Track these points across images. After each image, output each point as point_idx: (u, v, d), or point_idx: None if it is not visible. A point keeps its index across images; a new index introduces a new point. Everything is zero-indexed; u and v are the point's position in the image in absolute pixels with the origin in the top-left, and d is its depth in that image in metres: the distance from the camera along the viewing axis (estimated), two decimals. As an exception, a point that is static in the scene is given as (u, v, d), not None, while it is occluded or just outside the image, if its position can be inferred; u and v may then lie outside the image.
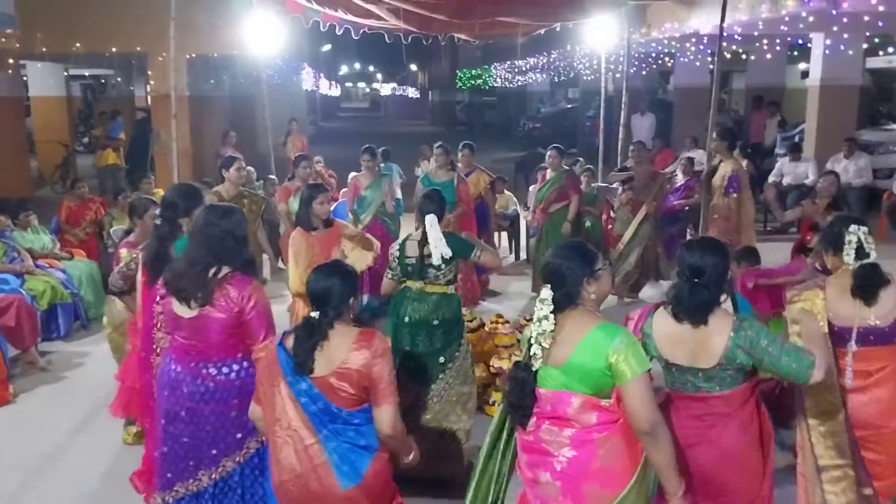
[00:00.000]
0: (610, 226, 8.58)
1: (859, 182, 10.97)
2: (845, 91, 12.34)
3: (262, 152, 11.03)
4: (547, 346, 2.64)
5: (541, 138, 24.33)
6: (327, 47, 38.80)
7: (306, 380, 2.86)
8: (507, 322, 6.39)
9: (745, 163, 9.03)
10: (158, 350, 3.72)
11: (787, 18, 9.65)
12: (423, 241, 4.31)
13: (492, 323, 6.29)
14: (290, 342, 2.92)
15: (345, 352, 2.85)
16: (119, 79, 18.24)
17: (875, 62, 18.09)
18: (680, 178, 9.30)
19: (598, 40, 10.85)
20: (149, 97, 14.75)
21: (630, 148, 8.50)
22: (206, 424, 3.26)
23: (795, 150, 11.83)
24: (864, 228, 3.34)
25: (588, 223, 8.70)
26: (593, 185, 9.25)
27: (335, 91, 42.66)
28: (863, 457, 3.32)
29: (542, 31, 10.61)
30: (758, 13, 9.67)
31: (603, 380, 2.59)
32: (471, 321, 6.01)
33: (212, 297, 3.18)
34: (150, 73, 13.48)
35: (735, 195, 6.80)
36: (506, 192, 10.23)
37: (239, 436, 3.27)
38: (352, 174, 8.28)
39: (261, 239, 6.86)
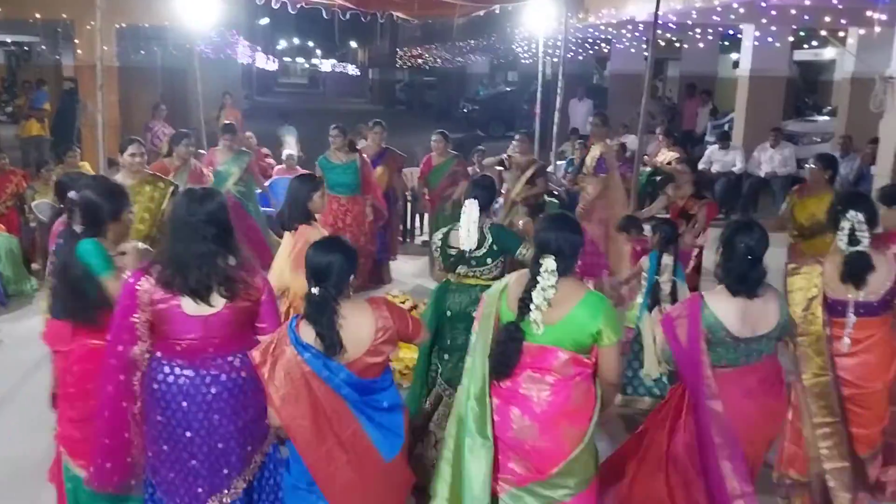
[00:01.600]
0: None
1: (784, 171, 11.35)
2: (773, 82, 12.71)
3: (194, 126, 10.76)
4: (545, 311, 2.90)
5: (479, 120, 24.42)
6: (265, 21, 37.98)
7: (342, 369, 2.86)
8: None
9: (670, 155, 9.27)
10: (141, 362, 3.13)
11: (719, 8, 9.86)
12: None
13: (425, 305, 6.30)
14: (307, 334, 2.88)
15: (369, 328, 2.91)
16: (45, 46, 17.53)
17: (802, 55, 18.66)
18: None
19: (537, 24, 10.91)
20: (76, 66, 14.24)
21: (516, 138, 8.50)
22: (218, 436, 2.98)
23: (724, 139, 12.16)
24: (861, 215, 3.60)
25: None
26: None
27: (272, 65, 41.88)
28: (849, 410, 3.72)
29: (482, 13, 10.61)
30: (692, 2, 9.86)
31: (588, 340, 2.95)
32: (402, 302, 6.04)
33: (236, 286, 2.96)
34: (76, 41, 13.00)
35: (604, 175, 7.38)
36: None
37: (249, 448, 3.06)
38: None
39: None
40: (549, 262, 2.90)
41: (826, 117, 15.23)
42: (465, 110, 25.66)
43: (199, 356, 2.98)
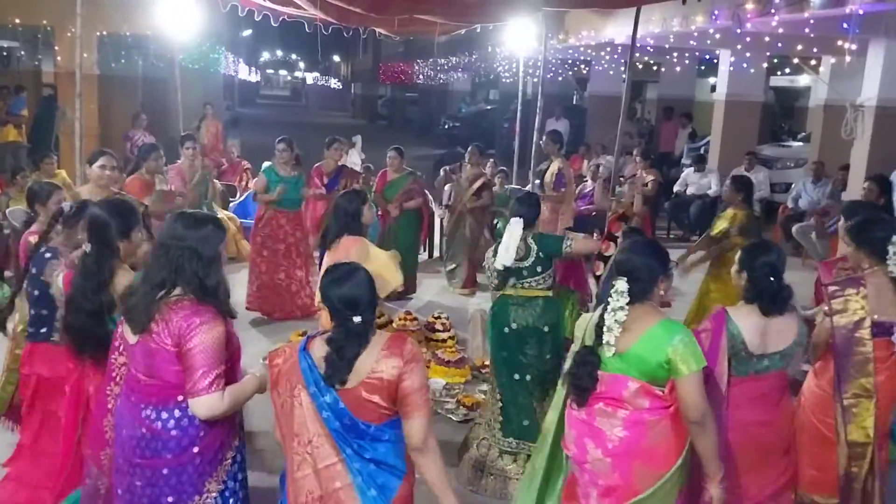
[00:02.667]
0: None
1: (758, 195, 11.48)
2: (748, 107, 12.92)
3: (174, 136, 10.74)
4: (618, 335, 2.88)
5: (460, 137, 24.48)
6: (248, 32, 38.00)
7: (332, 392, 2.56)
8: (416, 319, 6.46)
9: (647, 177, 9.40)
10: (118, 379, 3.07)
11: (696, 33, 10.04)
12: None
13: (400, 320, 6.35)
14: (317, 350, 2.60)
15: (373, 360, 2.56)
16: (24, 52, 17.42)
17: (778, 81, 18.97)
18: (589, 185, 9.54)
19: (517, 44, 11.03)
20: (56, 73, 14.17)
21: (469, 149, 8.69)
22: (142, 478, 2.80)
23: (700, 162, 12.32)
24: None
25: (499, 224, 8.86)
26: (506, 186, 9.43)
27: (255, 77, 41.87)
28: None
29: (463, 32, 10.72)
30: (669, 27, 10.03)
31: (659, 371, 2.88)
32: (379, 317, 6.06)
33: (150, 322, 2.71)
34: (56, 48, 12.95)
35: (563, 190, 7.93)
36: None
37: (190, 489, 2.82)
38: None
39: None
40: (620, 284, 2.91)
41: (800, 143, 15.45)
42: (446, 127, 25.75)
43: (129, 390, 2.85)
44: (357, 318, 2.56)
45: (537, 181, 10.63)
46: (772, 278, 3.27)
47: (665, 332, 2.87)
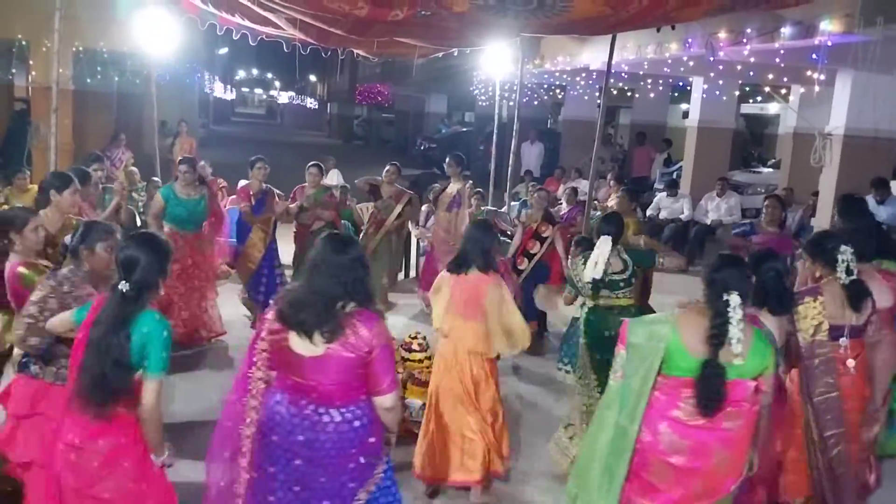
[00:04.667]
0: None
1: (729, 220, 11.68)
2: (720, 133, 13.16)
3: (148, 152, 10.70)
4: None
5: (435, 159, 24.64)
6: (224, 50, 37.95)
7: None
8: (393, 339, 6.39)
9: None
10: (254, 391, 3.09)
11: (669, 61, 10.22)
12: (609, 258, 4.75)
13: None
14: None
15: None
16: (-4, 66, 17.24)
17: (749, 108, 19.35)
18: (564, 207, 9.62)
19: (494, 67, 11.15)
20: (29, 87, 14.04)
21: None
22: (321, 475, 3.00)
23: (673, 187, 12.50)
24: (850, 249, 4.02)
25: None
26: (483, 208, 9.48)
27: (230, 95, 41.78)
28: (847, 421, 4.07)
29: (441, 55, 10.80)
30: (644, 53, 10.20)
31: (762, 369, 3.25)
32: (413, 337, 6.07)
33: (341, 333, 2.92)
34: (31, 62, 12.84)
35: (456, 210, 8.22)
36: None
37: (352, 486, 3.05)
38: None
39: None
40: (734, 298, 3.14)
41: (770, 169, 15.76)
42: (422, 148, 25.87)
43: (301, 397, 2.99)
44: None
45: (515, 206, 10.79)
46: (780, 280, 3.64)
47: (761, 335, 3.29)
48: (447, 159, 8.53)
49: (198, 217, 6.89)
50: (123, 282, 3.05)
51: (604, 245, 4.73)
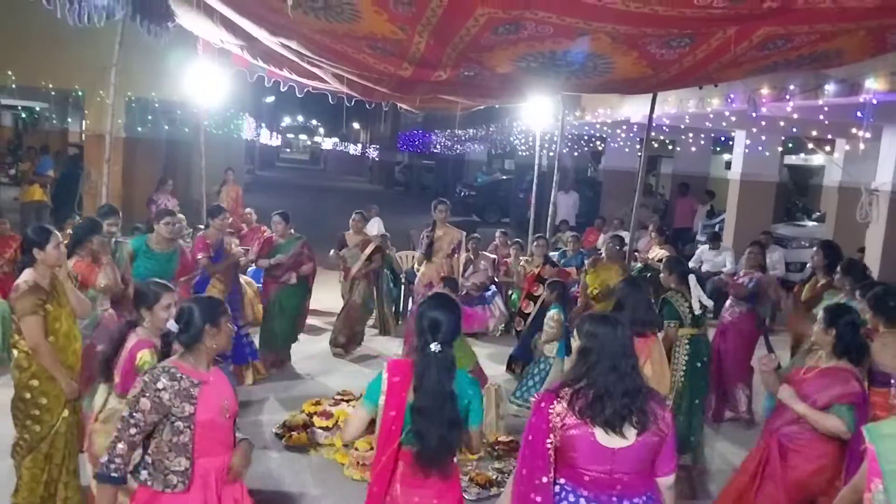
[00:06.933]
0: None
1: (773, 274, 11.49)
2: (763, 187, 13.03)
3: (196, 199, 10.93)
4: None
5: (475, 206, 24.80)
6: (271, 98, 38.88)
7: None
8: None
9: (661, 252, 9.47)
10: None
11: (711, 115, 10.21)
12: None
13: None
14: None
15: None
16: (54, 114, 17.88)
17: (793, 159, 19.15)
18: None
19: (535, 119, 11.25)
20: (83, 134, 14.51)
21: (352, 216, 8.84)
22: None
23: (715, 239, 12.36)
24: None
25: (513, 295, 9.00)
26: (521, 258, 9.50)
27: (276, 141, 42.59)
28: None
29: (482, 106, 10.94)
30: (685, 108, 10.20)
31: None
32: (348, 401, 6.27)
33: (652, 420, 2.85)
34: (86, 111, 13.30)
35: (457, 256, 8.39)
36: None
37: None
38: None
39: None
40: None
41: (815, 223, 15.52)
42: (461, 195, 26.05)
43: (605, 491, 2.88)
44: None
45: (554, 256, 10.76)
46: (856, 333, 3.84)
47: None
48: (438, 204, 8.29)
49: (168, 271, 6.26)
50: (435, 343, 3.07)
51: (695, 285, 5.80)
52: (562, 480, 2.92)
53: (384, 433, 3.08)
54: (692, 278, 5.85)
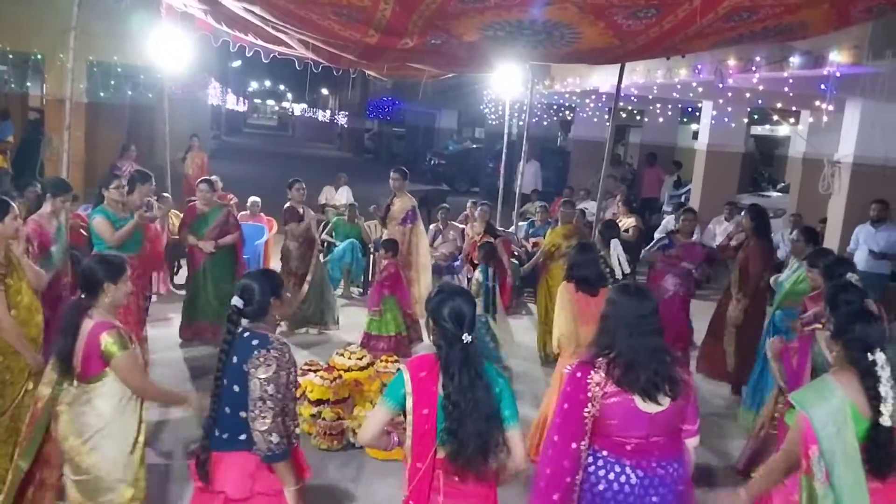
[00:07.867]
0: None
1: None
2: (729, 157, 13.15)
3: (160, 165, 10.76)
4: None
5: (445, 175, 24.71)
6: (237, 63, 38.27)
7: None
8: (397, 360, 6.40)
9: (628, 221, 9.54)
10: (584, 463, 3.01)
11: (679, 86, 10.25)
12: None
13: (382, 361, 6.32)
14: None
15: None
16: (13, 77, 17.41)
17: (760, 129, 19.34)
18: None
19: (504, 88, 11.22)
20: (43, 99, 14.17)
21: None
22: None
23: (680, 209, 12.45)
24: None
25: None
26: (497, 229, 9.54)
27: (242, 107, 42.00)
28: None
29: (450, 75, 10.87)
30: (653, 78, 10.23)
31: None
32: (360, 359, 6.05)
33: (680, 387, 2.96)
34: (46, 75, 12.98)
35: (410, 225, 8.45)
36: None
37: None
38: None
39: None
40: (880, 356, 3.02)
41: (779, 193, 15.73)
42: (431, 163, 25.89)
43: (645, 458, 2.97)
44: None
45: (523, 226, 10.80)
46: (858, 311, 3.57)
47: None
48: (391, 173, 8.58)
49: (138, 237, 6.24)
50: (466, 334, 2.90)
51: (615, 246, 6.69)
52: (604, 452, 3.00)
53: (418, 433, 2.90)
54: (615, 242, 6.59)
